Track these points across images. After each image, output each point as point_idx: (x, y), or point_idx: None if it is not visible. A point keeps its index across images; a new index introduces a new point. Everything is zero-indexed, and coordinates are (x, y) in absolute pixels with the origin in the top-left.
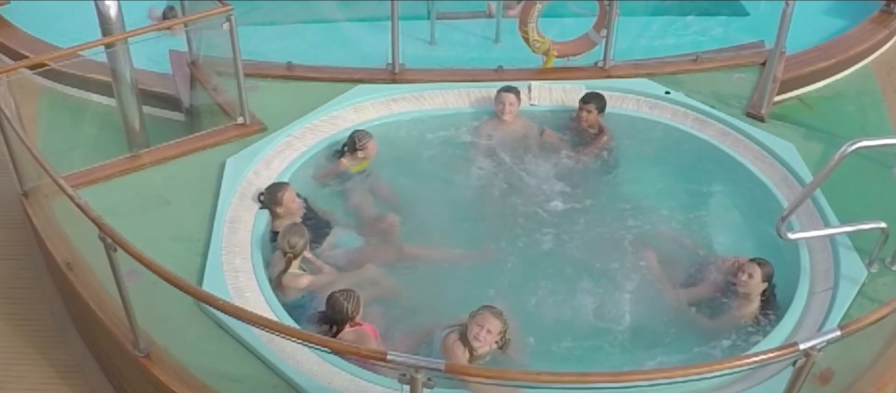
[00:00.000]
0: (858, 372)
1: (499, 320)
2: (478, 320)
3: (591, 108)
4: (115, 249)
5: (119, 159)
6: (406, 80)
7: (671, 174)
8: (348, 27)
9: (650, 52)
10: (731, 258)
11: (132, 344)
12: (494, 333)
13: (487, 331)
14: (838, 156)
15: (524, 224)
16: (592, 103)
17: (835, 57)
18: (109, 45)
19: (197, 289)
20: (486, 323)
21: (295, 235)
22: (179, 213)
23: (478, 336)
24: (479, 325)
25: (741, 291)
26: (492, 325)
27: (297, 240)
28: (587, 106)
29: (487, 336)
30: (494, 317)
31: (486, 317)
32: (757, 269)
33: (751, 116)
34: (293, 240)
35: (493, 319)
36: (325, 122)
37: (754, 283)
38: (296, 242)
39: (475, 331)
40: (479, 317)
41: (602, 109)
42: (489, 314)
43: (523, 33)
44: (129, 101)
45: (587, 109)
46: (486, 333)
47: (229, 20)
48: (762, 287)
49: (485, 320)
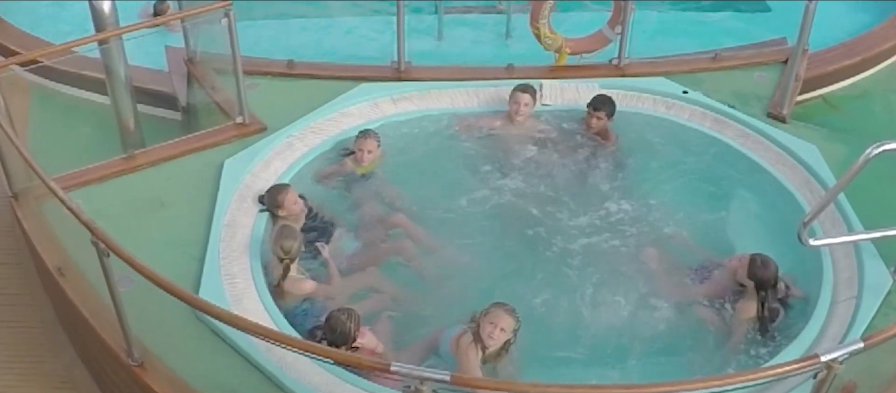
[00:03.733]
0: (883, 385)
1: (512, 317)
2: (491, 318)
3: (600, 114)
4: (108, 254)
5: (113, 160)
6: (412, 77)
7: (687, 177)
8: (352, 22)
9: (667, 50)
10: (736, 257)
11: (125, 353)
12: (508, 331)
13: (501, 329)
14: (863, 159)
15: (533, 227)
16: (603, 110)
17: (860, 54)
18: (103, 41)
19: (192, 296)
20: (499, 321)
21: (287, 238)
22: (175, 216)
23: (492, 335)
24: (492, 323)
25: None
26: (505, 322)
27: (290, 243)
28: (597, 113)
29: (501, 334)
30: (507, 314)
31: (500, 314)
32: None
33: (772, 117)
34: (286, 244)
35: (506, 317)
36: (327, 122)
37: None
38: (289, 246)
39: (488, 329)
40: (492, 314)
41: (612, 115)
42: (502, 312)
43: (535, 30)
44: (123, 100)
45: (597, 116)
46: (500, 332)
47: (228, 15)
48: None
49: (498, 318)
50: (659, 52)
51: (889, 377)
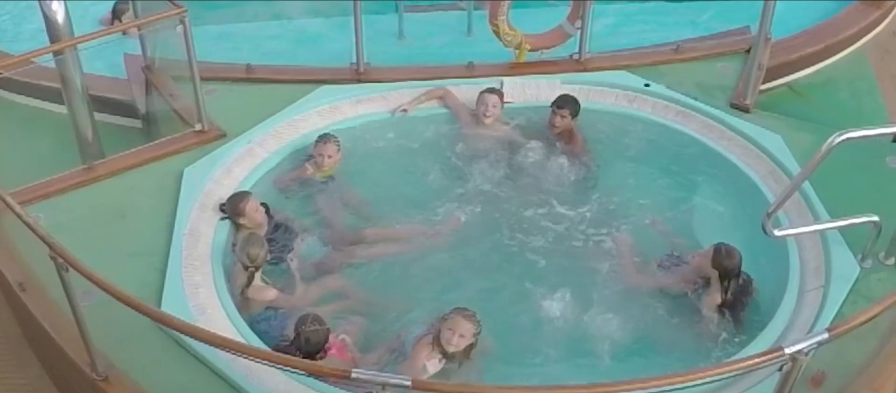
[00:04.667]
0: (853, 374)
1: (471, 323)
2: (449, 324)
3: (564, 113)
4: (67, 268)
5: (72, 172)
6: (372, 79)
7: (651, 171)
8: (311, 25)
9: (629, 43)
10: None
11: (90, 367)
12: (467, 337)
13: (460, 335)
14: (825, 147)
15: (499, 225)
16: (567, 108)
17: (825, 41)
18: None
19: (153, 309)
20: (458, 327)
21: (253, 246)
22: (136, 227)
23: (451, 340)
24: (451, 329)
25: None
26: (464, 328)
27: (256, 251)
28: (561, 111)
29: (461, 340)
30: (466, 320)
31: (458, 321)
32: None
33: (735, 107)
34: (253, 252)
35: (465, 323)
36: (287, 127)
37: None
38: (256, 254)
39: (448, 335)
40: (451, 321)
41: (576, 114)
42: (461, 318)
43: (494, 27)
44: (80, 110)
45: (561, 114)
46: (459, 338)
47: (183, 22)
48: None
49: (457, 325)
50: (620, 45)
51: (859, 366)
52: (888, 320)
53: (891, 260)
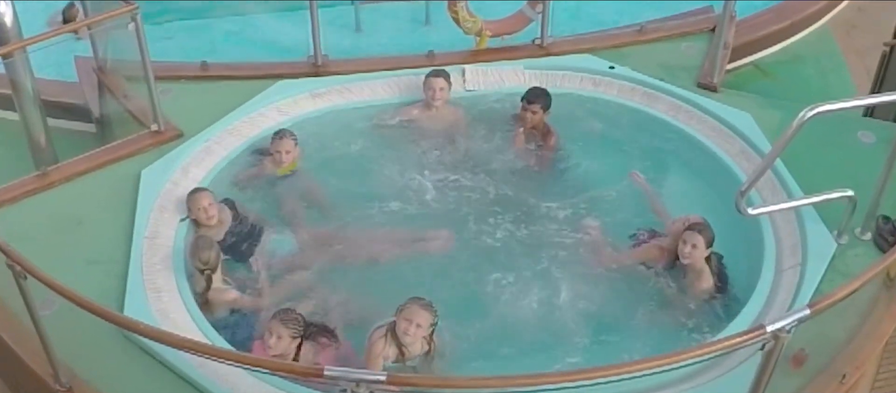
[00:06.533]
0: (834, 351)
1: (428, 312)
2: (405, 314)
3: (536, 108)
4: (25, 276)
5: (25, 179)
6: (330, 72)
7: (620, 155)
8: (265, 19)
9: (591, 26)
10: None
11: (52, 378)
12: (424, 327)
13: (417, 325)
14: (796, 123)
15: (464, 215)
16: (538, 102)
17: (789, 18)
18: (7, 55)
19: (116, 315)
20: (414, 317)
21: (203, 249)
22: (94, 232)
23: (407, 331)
24: (407, 319)
25: (687, 263)
26: (421, 318)
27: (207, 254)
28: (532, 106)
29: (417, 330)
30: (423, 309)
31: (414, 310)
32: (699, 237)
33: (703, 87)
34: (204, 255)
35: (421, 312)
36: (245, 124)
37: (699, 252)
38: (207, 257)
39: (404, 326)
40: (407, 310)
41: (547, 108)
42: (417, 307)
43: (452, 13)
44: (32, 115)
45: (531, 110)
46: (416, 328)
47: (134, 20)
48: (706, 254)
49: (413, 314)
50: (583, 29)
51: (840, 342)
52: (868, 297)
53: (867, 235)
